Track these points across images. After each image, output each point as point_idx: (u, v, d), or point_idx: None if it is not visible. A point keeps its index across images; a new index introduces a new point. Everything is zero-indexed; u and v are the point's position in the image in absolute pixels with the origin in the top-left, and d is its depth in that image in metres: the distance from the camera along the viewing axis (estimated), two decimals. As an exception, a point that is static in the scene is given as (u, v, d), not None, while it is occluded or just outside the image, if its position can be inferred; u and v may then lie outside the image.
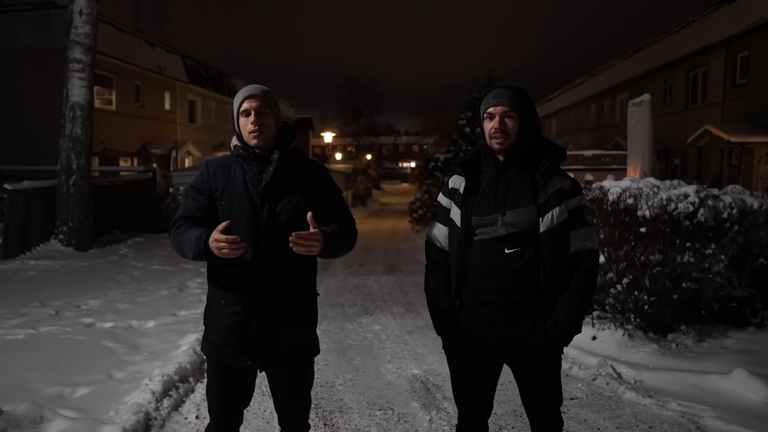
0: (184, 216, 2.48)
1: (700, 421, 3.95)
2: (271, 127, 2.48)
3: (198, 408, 4.21)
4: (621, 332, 5.54)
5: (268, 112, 2.47)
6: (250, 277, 2.42)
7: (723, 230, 5.40)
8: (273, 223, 2.41)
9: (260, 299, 2.44)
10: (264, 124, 2.45)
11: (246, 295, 2.44)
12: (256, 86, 2.51)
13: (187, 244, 2.36)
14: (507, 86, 2.51)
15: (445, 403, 4.33)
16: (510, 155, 2.48)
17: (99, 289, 7.91)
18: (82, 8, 11.15)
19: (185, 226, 2.43)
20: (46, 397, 4.04)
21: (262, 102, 2.45)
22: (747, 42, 16.72)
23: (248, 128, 2.45)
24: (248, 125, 2.45)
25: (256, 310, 2.44)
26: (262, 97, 2.46)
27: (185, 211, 2.50)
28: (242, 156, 2.49)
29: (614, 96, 26.93)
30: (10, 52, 17.56)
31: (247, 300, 2.44)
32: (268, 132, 2.47)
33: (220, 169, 2.52)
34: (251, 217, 2.41)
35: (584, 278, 2.46)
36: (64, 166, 11.29)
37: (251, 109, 2.44)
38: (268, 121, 2.47)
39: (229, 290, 2.46)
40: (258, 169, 2.47)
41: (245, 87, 2.51)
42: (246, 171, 2.48)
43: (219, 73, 31.00)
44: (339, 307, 7.62)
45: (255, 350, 2.46)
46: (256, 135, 2.44)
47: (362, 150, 63.95)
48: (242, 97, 2.46)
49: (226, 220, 2.35)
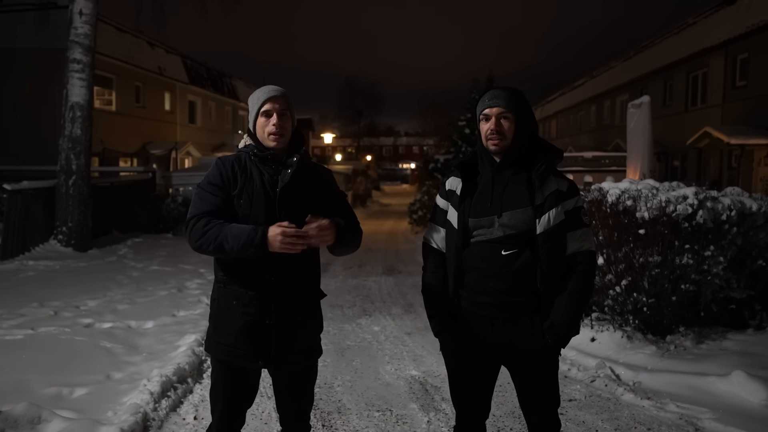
0: (209, 211, 2.39)
1: (699, 422, 3.95)
2: (289, 129, 2.49)
3: (196, 409, 4.21)
4: (620, 334, 5.53)
5: (287, 114, 2.47)
6: (264, 277, 2.42)
7: (722, 232, 5.41)
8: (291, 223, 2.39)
9: (273, 299, 2.44)
10: (284, 126, 2.45)
11: (259, 295, 2.43)
12: (276, 87, 2.50)
13: (230, 237, 2.29)
14: (503, 88, 2.51)
15: (444, 405, 4.32)
16: (506, 156, 2.48)
17: (98, 289, 7.90)
18: (82, 9, 11.15)
19: (216, 221, 2.35)
20: (44, 398, 4.04)
21: (283, 104, 2.45)
22: (747, 44, 16.73)
23: (268, 129, 2.44)
24: (269, 126, 2.44)
25: (269, 310, 2.44)
26: (283, 99, 2.46)
27: (207, 206, 2.40)
28: (259, 156, 2.48)
29: (614, 98, 26.95)
30: (10, 52, 17.57)
31: (260, 300, 2.43)
32: (287, 134, 2.47)
33: (237, 166, 2.48)
34: (268, 218, 2.39)
35: (581, 279, 2.45)
36: (64, 167, 11.29)
37: (273, 110, 2.43)
38: (287, 124, 2.47)
39: (242, 290, 2.45)
40: (274, 170, 2.47)
41: (264, 87, 2.49)
42: (263, 171, 2.47)
43: (219, 74, 31.03)
44: (338, 308, 7.62)
45: (266, 350, 2.46)
46: (276, 138, 2.43)
47: (362, 151, 63.99)
48: (264, 98, 2.45)
49: (245, 218, 2.34)
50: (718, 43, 17.69)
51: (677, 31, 20.83)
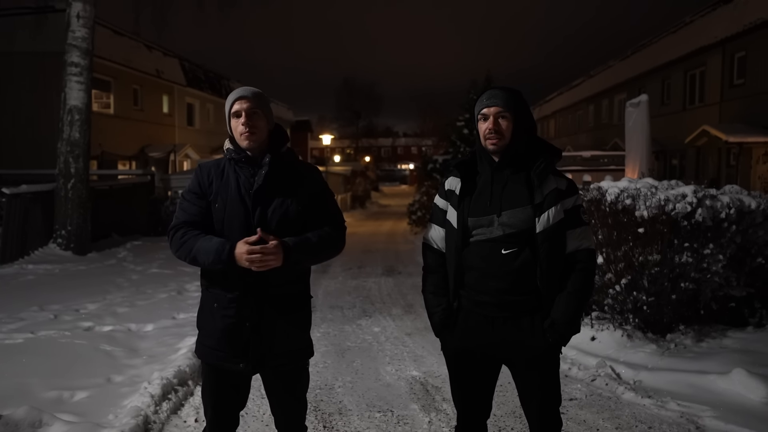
0: (187, 221, 2.47)
1: (700, 421, 3.95)
2: (262, 128, 2.49)
3: (197, 411, 4.21)
4: (620, 333, 5.54)
5: (259, 113, 2.47)
6: (243, 280, 2.41)
7: (721, 230, 5.41)
8: (264, 227, 2.40)
9: (252, 302, 2.44)
10: (255, 125, 2.46)
11: (238, 297, 2.44)
12: (246, 88, 2.52)
13: (202, 252, 2.36)
14: (500, 87, 2.52)
15: (445, 405, 4.32)
16: (505, 156, 2.48)
17: (98, 292, 7.90)
18: (79, 12, 11.15)
19: (192, 233, 2.42)
20: (44, 401, 4.04)
21: (252, 103, 2.46)
22: (744, 42, 16.75)
23: (239, 129, 2.46)
24: (239, 126, 2.46)
25: (248, 313, 2.44)
26: (253, 98, 2.47)
27: (186, 216, 2.48)
28: (234, 159, 2.50)
29: (612, 97, 26.97)
30: (8, 56, 17.57)
31: (240, 303, 2.44)
32: (260, 133, 2.48)
33: (214, 171, 2.52)
34: (244, 221, 2.42)
35: (581, 278, 2.46)
36: (63, 170, 11.28)
37: (242, 110, 2.45)
38: (258, 123, 2.47)
39: (222, 293, 2.47)
40: (250, 172, 2.48)
41: (236, 89, 2.52)
42: (239, 174, 2.48)
43: (217, 76, 31.03)
44: (338, 309, 7.62)
45: (247, 353, 2.46)
46: (247, 136, 2.45)
47: (361, 152, 63.94)
48: (233, 99, 2.48)
49: (220, 222, 2.36)
50: (716, 41, 17.71)
51: (675, 30, 20.85)
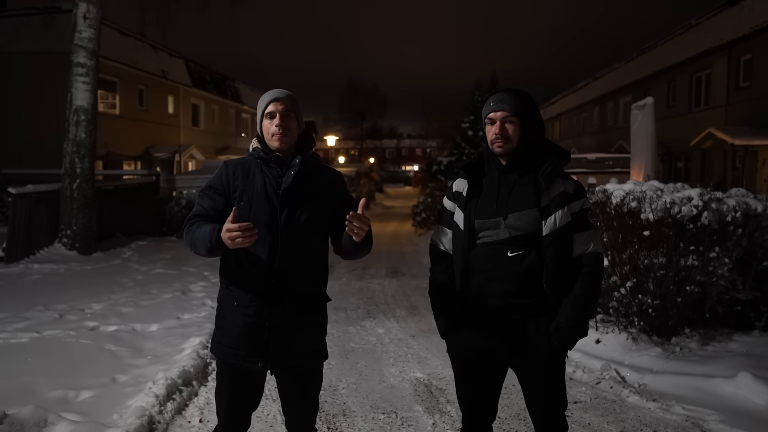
0: (199, 214, 2.49)
1: (705, 424, 3.94)
2: (293, 130, 2.51)
3: (201, 411, 4.22)
4: (625, 336, 5.52)
5: (291, 115, 2.51)
6: (264, 279, 2.43)
7: (727, 233, 5.39)
8: (291, 226, 2.43)
9: (273, 302, 2.45)
10: (287, 127, 2.49)
11: (259, 297, 2.45)
12: (281, 90, 2.54)
13: (200, 239, 2.36)
14: (508, 90, 2.50)
15: (449, 407, 4.32)
16: (512, 159, 2.48)
17: (102, 292, 7.92)
18: (86, 12, 11.18)
19: (198, 222, 2.44)
20: (49, 401, 4.05)
21: (286, 105, 2.49)
22: (750, 45, 16.69)
23: (272, 130, 2.48)
24: (272, 127, 2.48)
25: (269, 312, 2.45)
26: (287, 100, 2.50)
27: (200, 210, 2.50)
28: (263, 159, 2.52)
29: (617, 99, 26.92)
30: (13, 56, 17.65)
31: (260, 302, 2.45)
32: (291, 135, 2.50)
33: (240, 170, 2.54)
34: (269, 220, 2.43)
35: (588, 281, 2.44)
36: (68, 170, 11.31)
37: (276, 111, 2.48)
38: (291, 125, 2.50)
39: (243, 292, 2.47)
40: (278, 172, 2.50)
41: (270, 90, 2.54)
42: (266, 173, 2.50)
43: (222, 77, 31.09)
44: (342, 310, 7.62)
45: (266, 353, 2.47)
46: (279, 137, 2.47)
47: (365, 153, 63.99)
48: (268, 100, 2.50)
49: (245, 221, 2.35)
50: (721, 44, 17.65)
51: (680, 33, 20.80)
